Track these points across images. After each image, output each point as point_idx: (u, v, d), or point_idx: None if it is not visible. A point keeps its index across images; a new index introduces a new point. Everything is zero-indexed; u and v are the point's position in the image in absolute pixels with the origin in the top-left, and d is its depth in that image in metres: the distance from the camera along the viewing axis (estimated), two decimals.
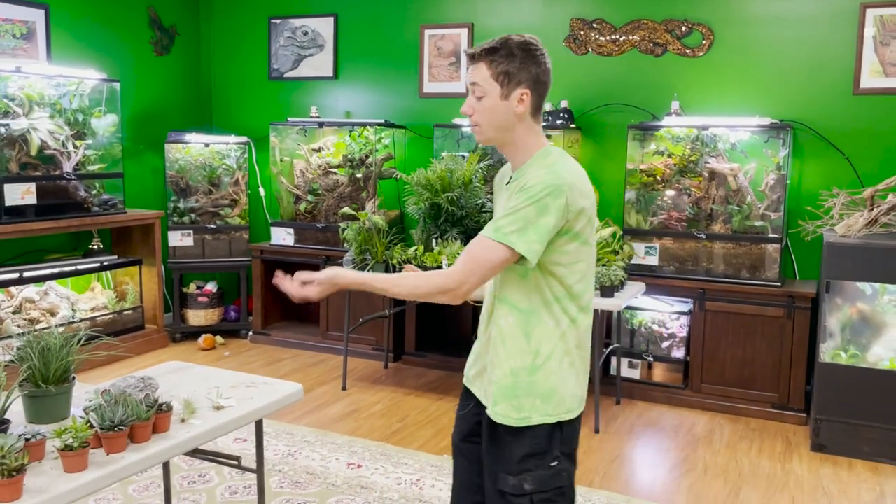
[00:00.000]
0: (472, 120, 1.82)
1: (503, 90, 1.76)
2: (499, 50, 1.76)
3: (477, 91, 1.79)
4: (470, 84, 1.80)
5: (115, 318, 4.97)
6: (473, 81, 1.79)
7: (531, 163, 1.81)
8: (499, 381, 1.81)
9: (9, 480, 1.57)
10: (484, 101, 1.78)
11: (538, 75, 1.77)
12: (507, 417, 1.79)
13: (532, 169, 1.79)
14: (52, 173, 4.48)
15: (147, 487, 3.14)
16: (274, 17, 5.64)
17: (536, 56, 1.77)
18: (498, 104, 1.77)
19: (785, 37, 4.28)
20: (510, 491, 1.78)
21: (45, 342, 1.98)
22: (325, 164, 5.25)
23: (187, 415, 2.05)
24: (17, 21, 4.57)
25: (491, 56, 1.76)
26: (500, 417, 1.80)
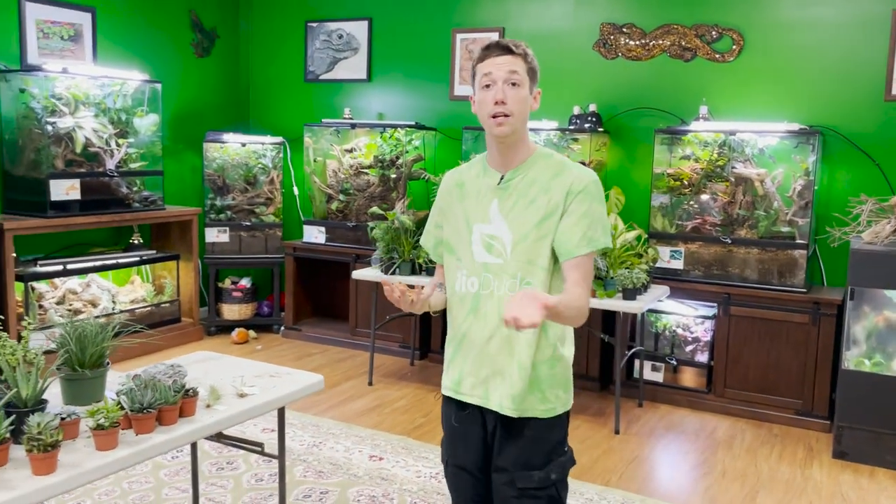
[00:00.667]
0: (506, 109, 1.78)
1: (530, 85, 1.83)
2: (528, 51, 1.84)
3: (515, 78, 1.78)
4: (509, 71, 1.78)
5: (153, 311, 5.14)
6: (514, 69, 1.79)
7: (533, 162, 1.86)
8: (523, 376, 1.83)
9: (44, 455, 1.69)
10: (520, 90, 1.80)
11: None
12: (535, 409, 1.85)
13: (541, 167, 1.85)
14: (96, 170, 4.66)
15: (178, 472, 3.27)
16: (311, 21, 5.78)
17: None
18: (527, 97, 1.82)
19: (816, 42, 4.27)
20: (536, 485, 1.84)
21: (82, 330, 2.11)
22: (357, 165, 5.37)
23: (212, 400, 2.16)
24: (65, 24, 4.77)
25: (525, 53, 1.82)
26: (528, 411, 1.84)
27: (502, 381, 1.85)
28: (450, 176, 2.03)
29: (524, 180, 1.85)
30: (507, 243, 1.84)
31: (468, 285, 1.89)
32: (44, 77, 4.37)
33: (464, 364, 1.92)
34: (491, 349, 1.86)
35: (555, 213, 1.81)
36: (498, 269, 1.85)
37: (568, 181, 1.81)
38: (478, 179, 1.92)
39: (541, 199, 1.82)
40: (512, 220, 1.84)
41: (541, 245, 1.83)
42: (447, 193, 1.99)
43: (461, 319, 1.92)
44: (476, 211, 1.90)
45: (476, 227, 1.89)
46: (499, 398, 1.86)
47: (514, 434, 1.86)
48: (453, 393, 1.95)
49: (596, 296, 3.87)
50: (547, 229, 1.82)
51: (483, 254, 1.87)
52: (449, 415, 1.98)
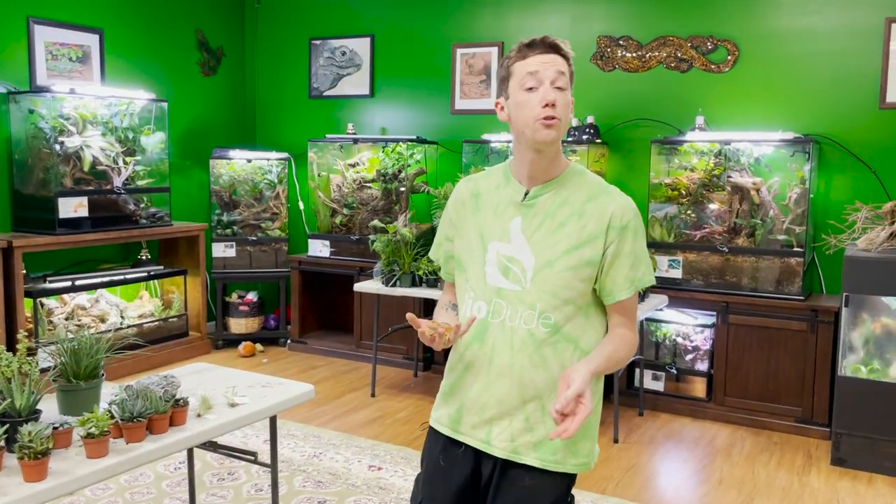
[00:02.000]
0: (555, 112, 1.57)
1: (570, 91, 1.64)
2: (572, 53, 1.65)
3: (561, 81, 1.59)
4: (557, 72, 1.59)
5: (161, 326, 5.23)
6: (562, 71, 1.60)
7: (566, 179, 1.66)
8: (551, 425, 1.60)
9: (34, 462, 1.75)
10: (566, 93, 1.61)
11: None
12: (565, 465, 1.66)
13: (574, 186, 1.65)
14: (104, 188, 4.77)
15: (179, 483, 3.33)
16: (314, 39, 5.89)
17: None
18: (570, 102, 1.63)
19: (810, 51, 4.30)
20: None
21: (77, 343, 2.18)
22: (360, 179, 5.45)
23: (203, 410, 2.22)
24: (73, 45, 4.90)
25: (571, 56, 1.64)
26: (558, 465, 1.65)
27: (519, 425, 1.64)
28: (464, 185, 1.80)
29: (554, 199, 1.64)
30: (528, 269, 1.62)
31: (475, 310, 1.68)
32: (52, 98, 4.49)
33: (465, 399, 1.70)
34: (499, 390, 1.65)
35: (589, 245, 1.61)
36: (514, 297, 1.63)
37: (607, 211, 1.61)
38: (497, 191, 1.71)
39: (572, 223, 1.61)
40: (536, 243, 1.63)
41: (569, 277, 1.61)
42: (461, 204, 1.77)
43: (463, 347, 1.70)
44: (493, 227, 1.68)
45: (492, 246, 1.67)
46: (510, 443, 1.65)
47: (514, 483, 1.66)
48: (450, 431, 1.73)
49: None
50: (577, 260, 1.61)
51: (498, 277, 1.65)
52: (434, 451, 1.77)
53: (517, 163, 1.70)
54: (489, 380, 1.66)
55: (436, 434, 1.78)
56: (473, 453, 1.70)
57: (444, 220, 1.83)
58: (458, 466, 1.72)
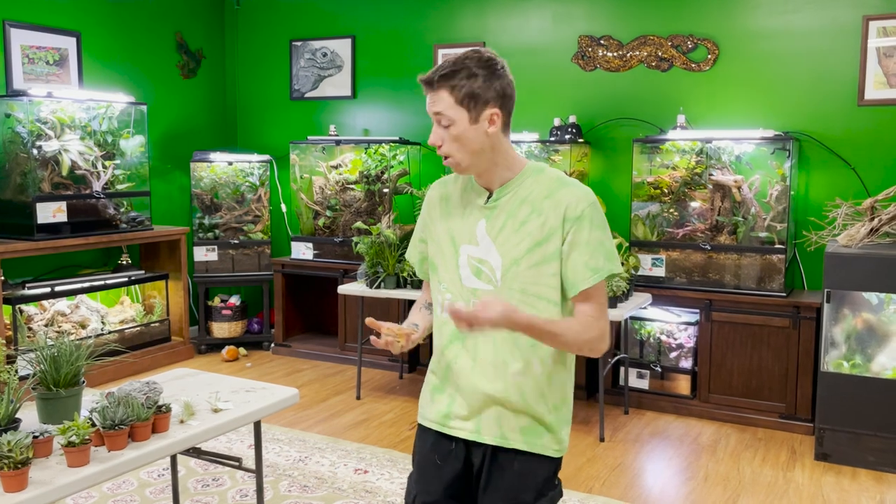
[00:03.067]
0: (443, 151, 1.67)
1: (471, 114, 1.63)
2: (458, 73, 1.62)
3: (443, 120, 1.64)
4: (434, 114, 1.65)
5: (143, 331, 5.18)
6: (438, 111, 1.64)
7: (523, 178, 1.71)
8: (542, 416, 1.73)
9: (14, 472, 1.72)
10: (452, 129, 1.64)
11: (503, 90, 1.65)
12: (549, 449, 1.75)
13: (532, 184, 1.70)
14: (83, 192, 4.71)
15: (163, 490, 3.29)
16: (295, 40, 5.86)
17: (498, 70, 1.65)
18: (468, 130, 1.64)
19: (789, 50, 4.34)
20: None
21: (57, 350, 2.14)
22: (343, 181, 5.42)
23: (186, 416, 2.20)
24: (50, 48, 4.84)
25: (451, 81, 1.62)
26: (544, 449, 1.74)
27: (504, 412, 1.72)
28: (435, 188, 1.86)
29: (514, 199, 1.69)
30: (497, 269, 1.69)
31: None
32: (29, 102, 4.43)
33: (454, 395, 1.77)
34: (484, 384, 1.72)
35: (551, 240, 1.66)
36: (489, 297, 1.68)
37: (562, 204, 1.65)
38: (464, 194, 1.77)
39: (533, 221, 1.67)
40: (501, 244, 1.69)
41: (537, 274, 1.67)
42: (432, 208, 1.84)
43: (444, 347, 1.78)
44: (462, 231, 1.74)
45: (463, 249, 1.73)
46: (499, 429, 1.73)
47: (504, 468, 1.74)
48: (439, 426, 1.80)
49: None
50: (542, 256, 1.66)
51: (472, 279, 1.72)
52: (425, 447, 1.84)
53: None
54: (474, 374, 1.73)
55: (425, 431, 1.84)
56: (464, 445, 1.78)
57: (419, 222, 1.91)
58: (450, 459, 1.79)
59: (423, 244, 1.89)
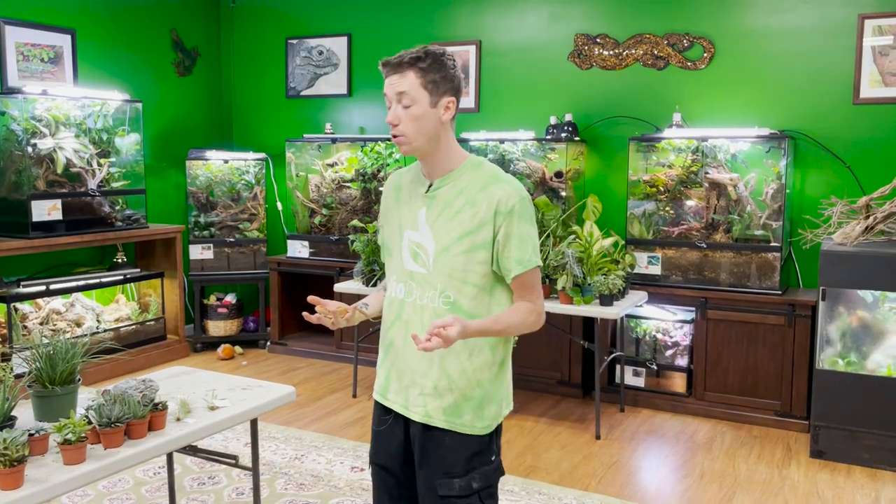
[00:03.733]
0: (399, 130, 1.77)
1: (432, 99, 1.76)
2: (424, 59, 1.75)
3: (405, 100, 1.75)
4: (396, 93, 1.75)
5: (139, 329, 5.17)
6: (401, 91, 1.75)
7: (462, 171, 1.83)
8: (465, 392, 1.83)
9: (10, 470, 1.72)
10: (412, 109, 1.75)
11: (459, 84, 1.81)
12: (473, 427, 1.84)
13: (469, 178, 1.82)
14: (78, 190, 4.70)
15: (159, 488, 3.29)
16: (291, 38, 5.85)
17: (456, 66, 1.80)
18: (427, 112, 1.76)
19: (785, 48, 4.34)
20: (457, 493, 1.82)
21: (53, 347, 2.14)
22: (339, 179, 5.42)
23: (183, 414, 2.19)
24: (45, 46, 4.82)
25: (419, 64, 1.74)
26: (465, 427, 1.83)
27: (428, 391, 1.83)
28: (392, 178, 2.01)
29: (451, 190, 1.82)
30: (431, 253, 1.82)
31: (397, 291, 1.89)
32: (23, 99, 4.41)
33: (390, 369, 1.92)
34: (411, 358, 1.85)
35: (481, 230, 1.78)
36: (422, 279, 1.84)
37: (495, 198, 1.77)
38: (412, 185, 1.91)
39: (466, 211, 1.79)
40: (437, 230, 1.82)
41: (465, 260, 1.80)
42: (387, 195, 1.99)
43: (389, 324, 1.92)
44: (407, 217, 1.88)
45: (406, 234, 1.88)
46: (423, 408, 1.84)
47: (435, 440, 1.85)
48: (380, 397, 1.96)
49: (573, 302, 3.91)
50: (472, 244, 1.79)
51: (410, 261, 1.86)
52: (374, 417, 2.01)
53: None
54: (405, 351, 1.86)
55: (376, 403, 2.01)
56: (402, 418, 1.91)
57: (380, 210, 2.06)
58: (392, 429, 1.94)
59: (382, 230, 2.03)
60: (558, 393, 4.60)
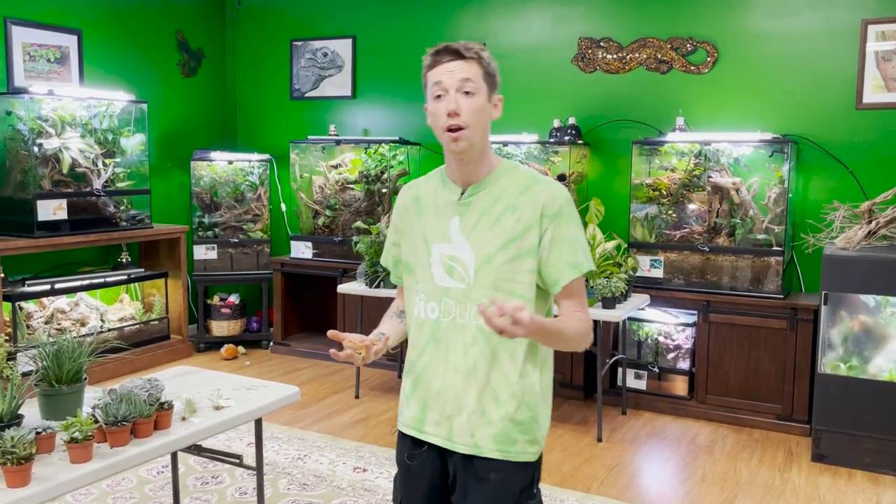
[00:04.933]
0: (461, 120, 1.61)
1: (489, 92, 1.66)
2: (484, 50, 1.66)
3: (468, 86, 1.61)
4: (460, 80, 1.61)
5: (142, 329, 5.19)
6: (467, 77, 1.61)
7: (498, 175, 1.70)
8: (515, 416, 1.68)
9: (17, 468, 1.74)
10: (476, 99, 1.62)
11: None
12: (525, 454, 1.70)
13: (506, 182, 1.69)
14: (83, 190, 4.72)
15: (162, 487, 3.31)
16: (296, 40, 5.87)
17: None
18: (486, 105, 1.65)
19: (788, 53, 4.36)
20: None
21: (59, 346, 2.16)
22: (343, 180, 5.44)
23: (188, 413, 2.21)
24: (51, 46, 4.85)
25: (481, 55, 1.64)
26: (518, 455, 1.69)
27: (476, 418, 1.68)
28: (405, 190, 1.86)
29: (488, 196, 1.68)
30: (470, 266, 1.67)
31: (427, 311, 1.72)
32: (30, 99, 4.44)
33: (426, 398, 1.74)
34: (456, 383, 1.69)
35: (526, 236, 1.65)
36: (460, 295, 1.68)
37: (539, 200, 1.65)
38: (436, 193, 1.76)
39: (507, 217, 1.66)
40: (475, 241, 1.67)
41: (511, 270, 1.65)
42: (403, 209, 1.82)
43: (420, 349, 1.75)
44: (435, 229, 1.72)
45: (436, 248, 1.71)
46: (470, 437, 1.69)
47: (480, 477, 1.69)
48: (414, 431, 1.77)
49: None
50: (516, 252, 1.65)
51: (444, 277, 1.70)
52: (403, 452, 1.82)
53: (448, 165, 1.75)
54: (446, 377, 1.70)
55: (402, 436, 1.83)
56: (438, 452, 1.74)
57: (391, 226, 1.88)
58: (425, 466, 1.77)
59: (395, 247, 1.86)
60: (560, 395, 4.61)
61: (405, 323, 1.84)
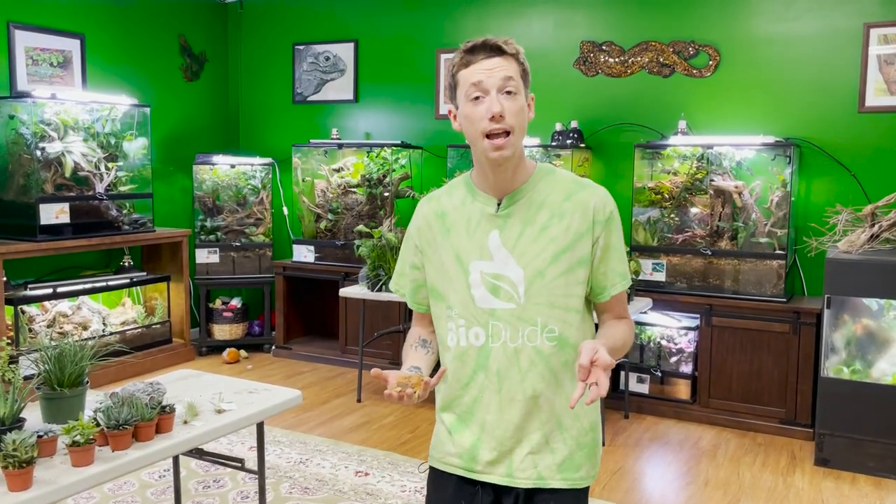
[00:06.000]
0: (507, 123, 1.46)
1: (525, 91, 1.52)
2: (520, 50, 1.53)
3: (510, 85, 1.47)
4: (503, 78, 1.46)
5: (144, 332, 5.18)
6: (509, 75, 1.47)
7: (537, 181, 1.56)
8: (579, 440, 1.57)
9: (19, 472, 1.73)
10: (518, 99, 1.48)
11: None
12: (588, 479, 1.60)
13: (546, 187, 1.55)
14: (86, 194, 4.72)
15: (164, 491, 3.30)
16: (298, 44, 5.88)
17: None
18: (524, 107, 1.51)
19: (790, 56, 4.35)
20: None
21: (61, 349, 2.15)
22: (345, 184, 5.44)
23: (190, 417, 2.21)
24: (54, 50, 4.86)
25: (518, 52, 1.51)
26: (582, 481, 1.58)
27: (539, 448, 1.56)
28: (425, 206, 1.65)
29: (529, 205, 1.54)
30: (519, 283, 1.51)
31: (471, 338, 1.56)
32: (33, 103, 4.44)
33: (479, 435, 1.58)
34: (514, 415, 1.54)
35: (578, 244, 1.52)
36: (510, 317, 1.52)
37: (590, 205, 1.53)
38: (464, 207, 1.59)
39: (555, 226, 1.52)
40: (520, 255, 1.52)
41: (565, 283, 1.52)
42: (427, 228, 1.62)
43: (466, 380, 1.58)
44: (470, 246, 1.55)
45: (474, 266, 1.54)
46: (533, 469, 1.55)
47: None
48: (465, 471, 1.60)
49: None
50: (569, 263, 1.52)
51: (489, 298, 1.53)
52: (444, 494, 1.64)
53: (479, 174, 1.58)
54: (501, 408, 1.55)
55: (443, 475, 1.65)
56: (492, 490, 1.60)
57: (408, 246, 1.69)
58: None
59: (415, 270, 1.66)
60: None
61: (431, 353, 1.68)
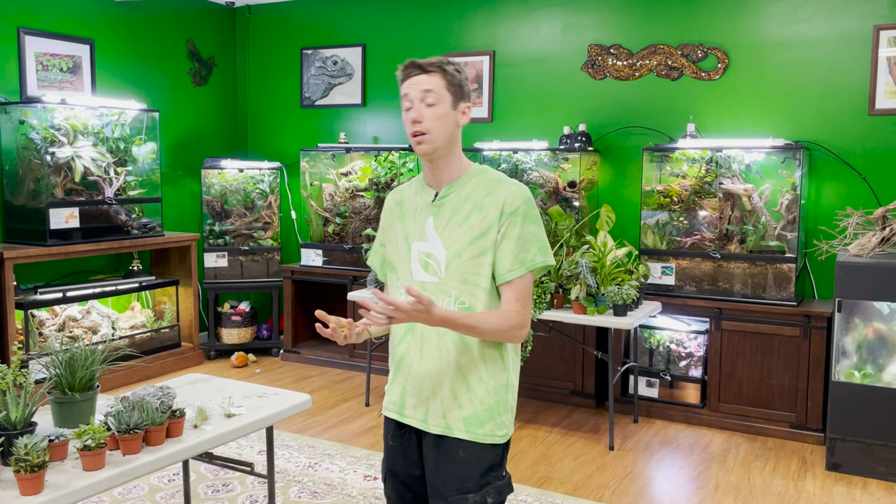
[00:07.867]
0: (422, 127, 1.79)
1: (453, 101, 1.82)
2: (449, 66, 1.82)
3: (429, 98, 1.79)
4: (422, 91, 1.79)
5: (153, 336, 5.20)
6: (428, 88, 1.79)
7: (468, 178, 1.86)
8: (483, 401, 1.84)
9: (31, 476, 1.74)
10: (437, 108, 1.79)
11: (470, 94, 1.89)
12: (493, 436, 1.85)
13: (475, 184, 1.85)
14: (95, 198, 4.74)
15: (173, 495, 3.30)
16: (306, 48, 5.89)
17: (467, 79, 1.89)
18: (449, 113, 1.81)
19: (799, 59, 4.34)
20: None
21: (72, 354, 2.16)
22: (353, 188, 5.44)
23: (200, 421, 2.21)
24: (63, 56, 4.88)
25: (444, 69, 1.81)
26: (486, 437, 1.84)
27: (449, 402, 1.84)
28: (391, 195, 2.03)
29: (458, 197, 1.85)
30: (442, 261, 1.84)
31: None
32: (43, 108, 4.47)
33: (405, 384, 1.91)
34: (430, 370, 1.85)
35: (489, 232, 1.81)
36: (434, 288, 1.84)
37: (500, 200, 1.80)
38: (416, 197, 1.93)
39: (475, 216, 1.82)
40: (446, 238, 1.84)
41: (477, 264, 1.81)
42: (388, 212, 2.00)
43: (399, 338, 1.92)
44: (414, 229, 1.90)
45: (414, 245, 1.89)
46: (443, 419, 1.85)
47: (450, 456, 1.85)
48: (395, 414, 1.95)
49: (587, 312, 3.91)
50: (481, 248, 1.81)
51: (421, 272, 1.87)
52: (387, 433, 2.00)
53: (424, 170, 1.93)
54: (422, 363, 1.87)
55: (387, 419, 2.01)
56: (415, 432, 1.93)
57: (380, 228, 2.07)
58: (407, 444, 1.94)
59: (382, 248, 2.03)
60: (571, 403, 4.59)
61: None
